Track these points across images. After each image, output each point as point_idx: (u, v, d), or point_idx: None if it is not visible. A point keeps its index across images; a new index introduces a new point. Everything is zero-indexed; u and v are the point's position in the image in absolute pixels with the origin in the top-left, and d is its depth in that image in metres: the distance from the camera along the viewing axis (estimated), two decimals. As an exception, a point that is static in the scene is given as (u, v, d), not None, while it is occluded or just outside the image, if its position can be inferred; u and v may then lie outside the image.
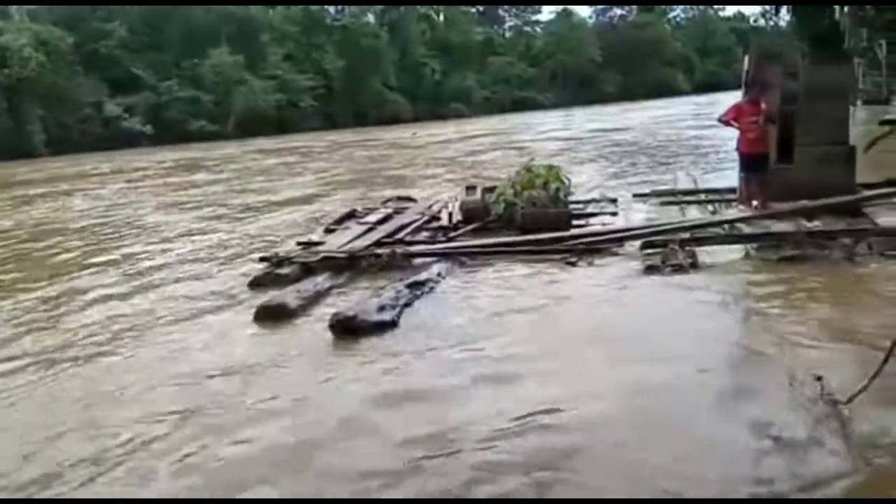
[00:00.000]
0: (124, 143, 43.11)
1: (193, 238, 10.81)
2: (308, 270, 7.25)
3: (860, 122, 14.41)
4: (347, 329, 5.42)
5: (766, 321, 5.18)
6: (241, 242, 10.03)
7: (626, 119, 36.35)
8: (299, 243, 8.73)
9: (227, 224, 12.03)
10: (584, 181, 12.85)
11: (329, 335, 5.43)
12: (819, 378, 3.91)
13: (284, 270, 7.30)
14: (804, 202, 7.84)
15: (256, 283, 7.20)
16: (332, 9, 66.35)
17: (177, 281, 7.90)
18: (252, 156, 29.77)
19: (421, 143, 30.57)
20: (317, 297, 6.46)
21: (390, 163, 22.52)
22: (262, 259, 7.88)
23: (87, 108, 45.28)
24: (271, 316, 5.96)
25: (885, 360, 3.30)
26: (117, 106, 46.64)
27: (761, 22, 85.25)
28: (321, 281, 6.88)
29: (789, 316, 5.23)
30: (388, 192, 12.38)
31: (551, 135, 29.77)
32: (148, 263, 9.03)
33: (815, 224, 7.40)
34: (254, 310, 6.11)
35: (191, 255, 9.43)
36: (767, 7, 77.70)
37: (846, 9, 24.89)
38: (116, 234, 11.83)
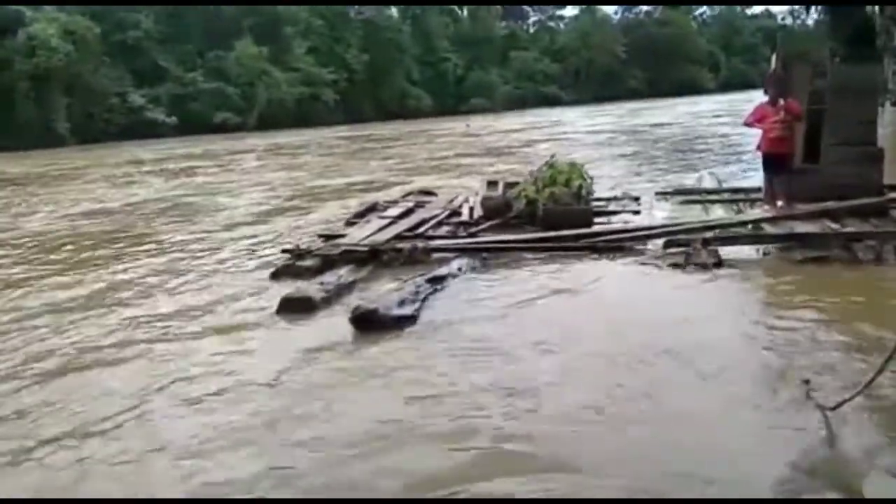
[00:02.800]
0: (148, 133, 43.57)
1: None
2: (329, 263, 7.29)
3: (888, 123, 14.23)
4: (368, 323, 5.46)
5: (783, 322, 5.15)
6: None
7: (652, 117, 36.15)
8: (320, 236, 8.79)
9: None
10: (606, 178, 12.78)
11: (350, 328, 5.46)
12: (806, 382, 3.91)
13: (306, 263, 7.36)
14: (830, 203, 7.75)
15: (278, 275, 7.27)
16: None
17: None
18: (330, 142, 31.48)
19: (476, 134, 31.92)
20: (340, 291, 6.50)
21: (457, 150, 23.83)
22: (284, 251, 7.94)
23: (113, 98, 45.79)
24: (295, 308, 6.01)
25: (878, 373, 3.29)
26: (142, 97, 47.12)
27: (789, 20, 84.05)
28: (344, 274, 6.92)
29: (806, 318, 5.17)
30: (462, 181, 12.39)
31: (579, 129, 30.26)
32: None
33: (841, 226, 7.31)
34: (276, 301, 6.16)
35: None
36: (796, 6, 76.72)
37: (878, 7, 24.47)
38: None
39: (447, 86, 65.78)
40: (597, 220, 8.67)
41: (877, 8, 24.59)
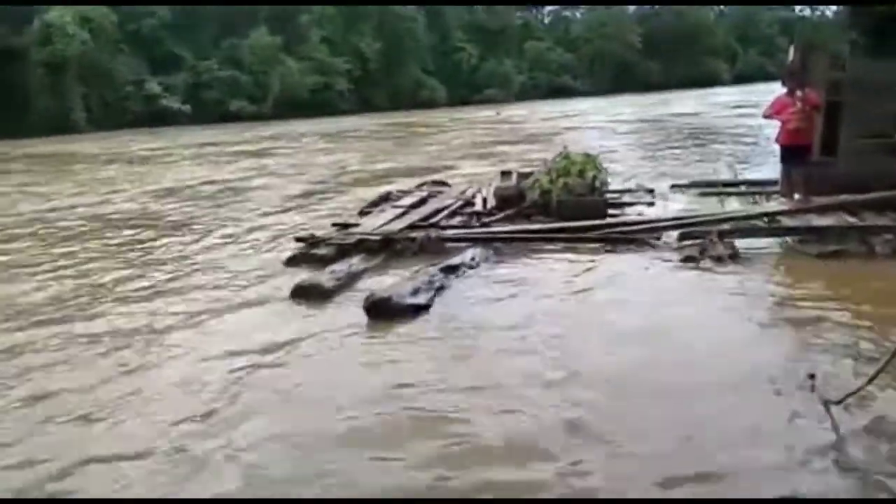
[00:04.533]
0: (163, 121, 43.79)
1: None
2: (342, 252, 7.31)
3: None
4: (381, 311, 5.47)
5: (795, 315, 5.13)
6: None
7: (673, 107, 35.99)
8: (334, 224, 8.80)
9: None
10: (621, 170, 12.70)
11: (363, 316, 5.47)
12: (812, 376, 3.89)
13: (320, 251, 7.39)
14: (847, 196, 7.66)
15: (292, 262, 7.30)
16: (369, -10, 66.12)
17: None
18: (371, 130, 32.43)
19: (506, 122, 32.86)
20: (351, 279, 6.52)
21: (491, 137, 24.52)
22: (297, 239, 7.96)
23: (129, 86, 46.03)
24: (307, 295, 6.04)
25: (882, 368, 3.27)
26: (158, 85, 47.33)
27: (807, 12, 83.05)
28: (356, 262, 6.94)
29: (819, 311, 5.13)
30: (507, 166, 12.40)
31: (605, 119, 30.56)
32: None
33: (858, 219, 7.22)
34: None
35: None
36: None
37: None
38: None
39: (461, 76, 65.49)
40: (611, 211, 8.62)
41: None
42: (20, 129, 36.35)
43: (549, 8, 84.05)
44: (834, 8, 56.79)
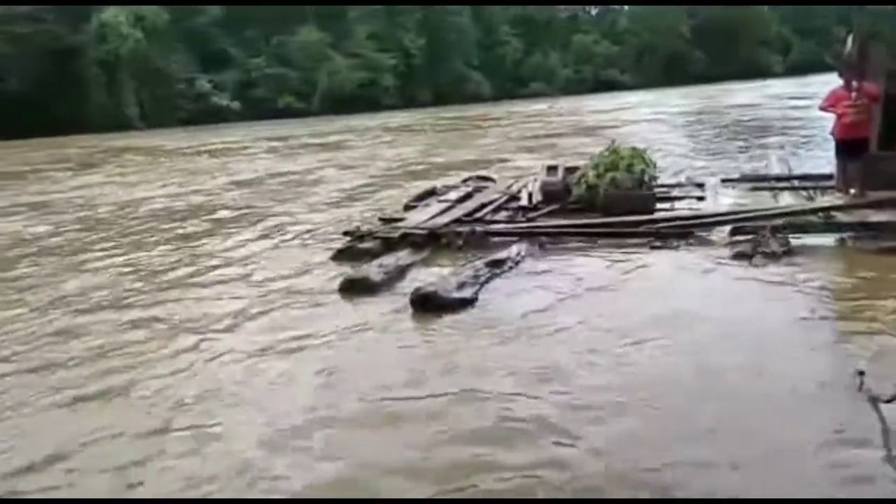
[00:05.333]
0: (213, 118, 44.76)
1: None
2: (388, 246, 7.39)
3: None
4: (427, 304, 5.52)
5: (850, 313, 5.00)
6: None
7: (720, 100, 35.34)
8: (381, 219, 8.90)
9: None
10: (670, 164, 12.51)
11: (409, 309, 5.53)
12: (861, 373, 3.81)
13: (366, 245, 7.48)
14: (908, 191, 7.40)
15: (338, 256, 7.41)
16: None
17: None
18: (431, 123, 34.54)
19: (560, 115, 34.25)
20: (399, 273, 6.58)
21: (547, 130, 25.56)
22: (345, 233, 8.07)
23: (180, 83, 47.17)
24: (355, 288, 6.12)
25: None
26: (208, 82, 48.38)
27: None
28: (403, 256, 7.00)
29: (874, 310, 4.97)
30: (561, 158, 12.58)
31: (639, 114, 30.56)
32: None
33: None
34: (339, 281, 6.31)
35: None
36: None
37: None
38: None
39: (506, 70, 65.22)
40: (659, 206, 8.51)
41: None
42: (75, 125, 37.61)
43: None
44: (895, -5, 54.65)
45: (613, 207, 8.12)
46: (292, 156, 22.43)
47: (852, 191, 7.93)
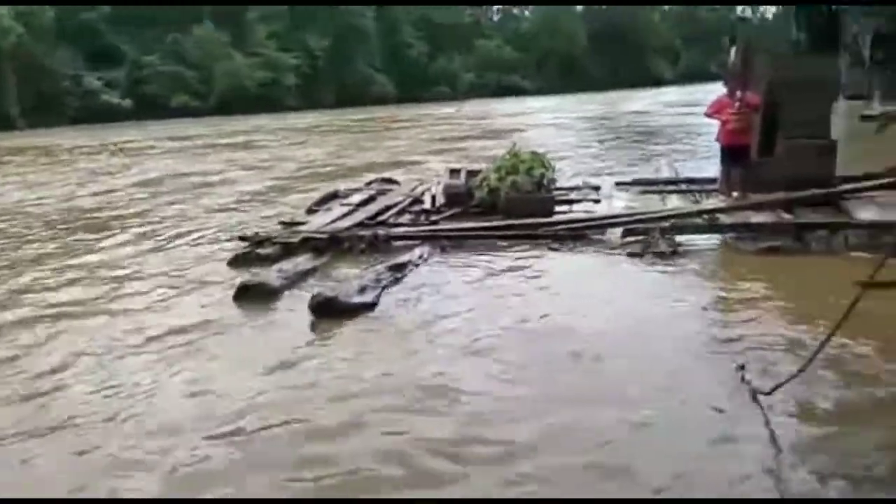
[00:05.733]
0: (103, 116, 42.51)
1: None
2: (288, 251, 7.21)
3: (841, 116, 14.59)
4: (328, 310, 5.41)
5: (732, 308, 5.29)
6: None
7: (617, 107, 36.81)
8: (280, 223, 8.69)
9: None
10: (567, 168, 12.88)
11: (309, 315, 5.41)
12: (741, 367, 4.02)
13: (265, 250, 7.27)
14: (783, 194, 7.91)
15: (235, 262, 7.17)
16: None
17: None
18: (342, 125, 34.14)
19: (468, 118, 34.85)
20: (298, 278, 6.44)
21: (455, 133, 25.98)
22: (241, 238, 7.82)
23: (66, 80, 44.54)
24: (252, 295, 5.93)
25: (811, 360, 3.36)
26: (98, 80, 45.93)
27: (748, 12, 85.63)
28: (303, 261, 6.85)
29: (754, 305, 5.28)
30: (472, 161, 12.73)
31: (541, 119, 31.81)
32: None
33: (794, 216, 7.47)
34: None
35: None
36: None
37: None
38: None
39: (411, 73, 65.40)
40: (558, 208, 8.72)
41: None
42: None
43: (497, 6, 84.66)
44: (774, 10, 58.68)
45: (514, 210, 8.26)
46: (197, 156, 21.87)
47: (735, 194, 8.39)
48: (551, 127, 26.79)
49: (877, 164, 8.29)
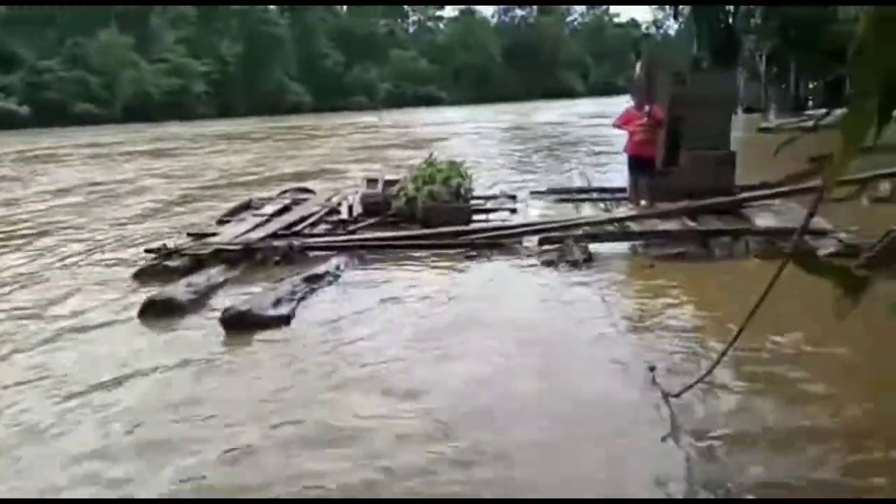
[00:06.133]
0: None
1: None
2: (199, 263, 6.95)
3: (739, 128, 15.43)
4: (240, 324, 5.24)
5: (642, 313, 5.45)
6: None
7: (533, 118, 37.62)
8: (190, 234, 8.37)
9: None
10: (485, 177, 13.03)
11: (221, 330, 5.22)
12: (652, 368, 4.16)
13: (174, 263, 6.98)
14: (688, 202, 8.26)
15: (142, 275, 6.85)
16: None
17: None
18: (265, 133, 33.65)
19: (390, 127, 35.44)
20: (209, 291, 6.20)
21: (379, 142, 26.46)
22: (148, 250, 7.48)
23: (-46, 84, 41.74)
24: (159, 311, 5.66)
25: (716, 363, 3.48)
26: (-10, 84, 43.28)
27: (652, 30, 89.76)
28: (214, 274, 6.61)
29: (663, 310, 5.46)
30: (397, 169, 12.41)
31: (461, 129, 32.26)
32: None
33: (698, 224, 7.80)
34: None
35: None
36: (659, 16, 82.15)
37: (740, 10, 26.30)
38: None
39: (327, 82, 64.86)
40: (475, 217, 8.79)
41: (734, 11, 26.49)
42: None
43: (413, 17, 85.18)
44: (675, 27, 61.60)
45: (432, 219, 8.27)
46: (110, 164, 21.01)
47: (643, 202, 8.69)
48: (473, 136, 27.41)
49: (773, 173, 8.77)
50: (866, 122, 1.32)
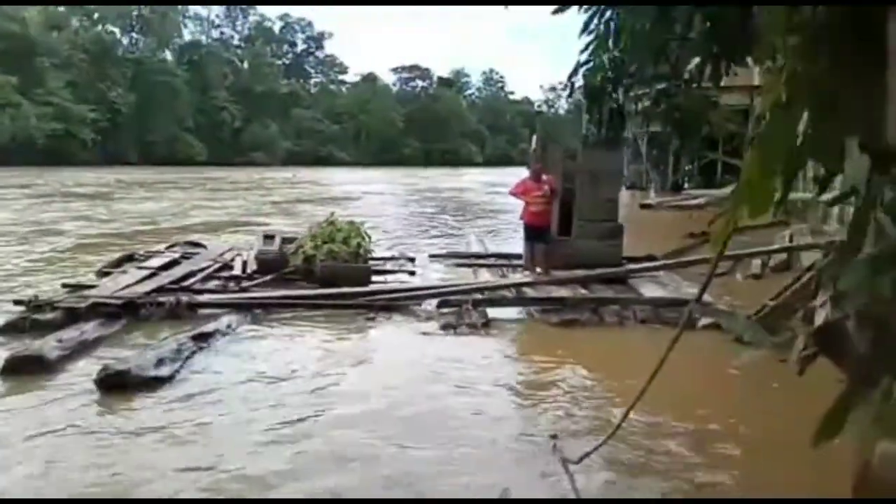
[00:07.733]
0: None
1: None
2: (74, 317, 6.44)
3: (625, 203, 16.34)
4: (117, 384, 4.85)
5: (538, 379, 5.51)
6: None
7: (432, 182, 38.36)
8: (65, 285, 7.80)
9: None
10: (385, 239, 13.02)
11: (95, 392, 4.81)
12: (554, 436, 4.19)
13: (45, 316, 6.44)
14: (580, 271, 8.56)
15: (9, 330, 6.26)
16: (126, 40, 62.73)
17: None
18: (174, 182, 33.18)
19: (301, 184, 36.15)
20: (82, 348, 5.74)
21: (290, 198, 26.79)
22: (17, 302, 6.88)
23: None
24: (24, 369, 5.16)
25: (616, 429, 3.52)
26: None
27: (544, 108, 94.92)
28: (89, 329, 6.14)
29: (558, 375, 5.54)
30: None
31: (369, 189, 33.10)
32: None
33: (590, 291, 8.08)
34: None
35: None
36: (551, 95, 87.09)
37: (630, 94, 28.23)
38: None
39: (224, 136, 63.83)
40: (374, 278, 8.71)
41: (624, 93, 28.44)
42: None
43: (315, 79, 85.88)
44: (565, 105, 65.38)
45: (330, 279, 8.11)
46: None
47: (538, 269, 8.92)
48: (387, 196, 28.49)
49: (656, 246, 9.28)
50: (767, 198, 1.40)
